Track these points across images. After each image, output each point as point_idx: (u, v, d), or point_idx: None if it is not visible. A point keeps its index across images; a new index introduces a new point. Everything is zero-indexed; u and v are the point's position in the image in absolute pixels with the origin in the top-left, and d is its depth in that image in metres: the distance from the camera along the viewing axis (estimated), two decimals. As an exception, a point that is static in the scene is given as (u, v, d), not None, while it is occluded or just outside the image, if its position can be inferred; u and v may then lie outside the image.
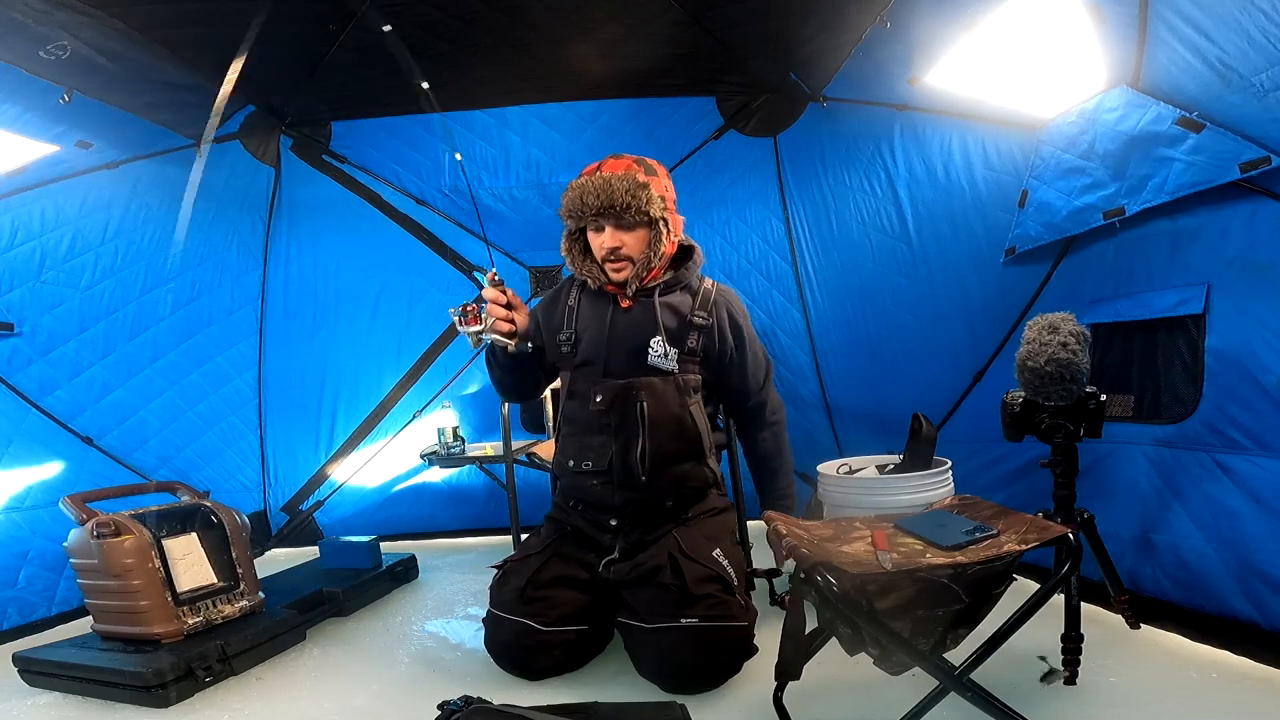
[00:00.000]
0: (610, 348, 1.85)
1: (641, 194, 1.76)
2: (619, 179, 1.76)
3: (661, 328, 1.83)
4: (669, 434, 1.81)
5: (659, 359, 1.82)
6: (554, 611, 1.78)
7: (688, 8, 2.48)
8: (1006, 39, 1.99)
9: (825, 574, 1.20)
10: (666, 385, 1.82)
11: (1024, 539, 1.31)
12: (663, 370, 1.82)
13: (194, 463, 3.07)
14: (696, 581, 1.69)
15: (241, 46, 2.17)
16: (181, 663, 1.75)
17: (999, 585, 1.30)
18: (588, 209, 1.78)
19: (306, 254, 3.27)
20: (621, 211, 1.76)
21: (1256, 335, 1.63)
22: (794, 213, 3.15)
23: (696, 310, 1.87)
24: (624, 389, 1.80)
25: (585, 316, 1.92)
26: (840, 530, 1.52)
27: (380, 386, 3.37)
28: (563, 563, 1.84)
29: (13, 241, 2.48)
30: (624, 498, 1.83)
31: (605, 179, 1.76)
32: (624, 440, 1.80)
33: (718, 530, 1.87)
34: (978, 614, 1.30)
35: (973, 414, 2.59)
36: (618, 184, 1.75)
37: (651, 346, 1.82)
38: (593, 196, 1.76)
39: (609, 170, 1.80)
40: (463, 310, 1.78)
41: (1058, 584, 1.28)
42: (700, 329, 1.86)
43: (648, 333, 1.83)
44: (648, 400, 1.79)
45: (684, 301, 1.88)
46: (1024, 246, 2.22)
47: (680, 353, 1.83)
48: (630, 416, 1.79)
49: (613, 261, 1.83)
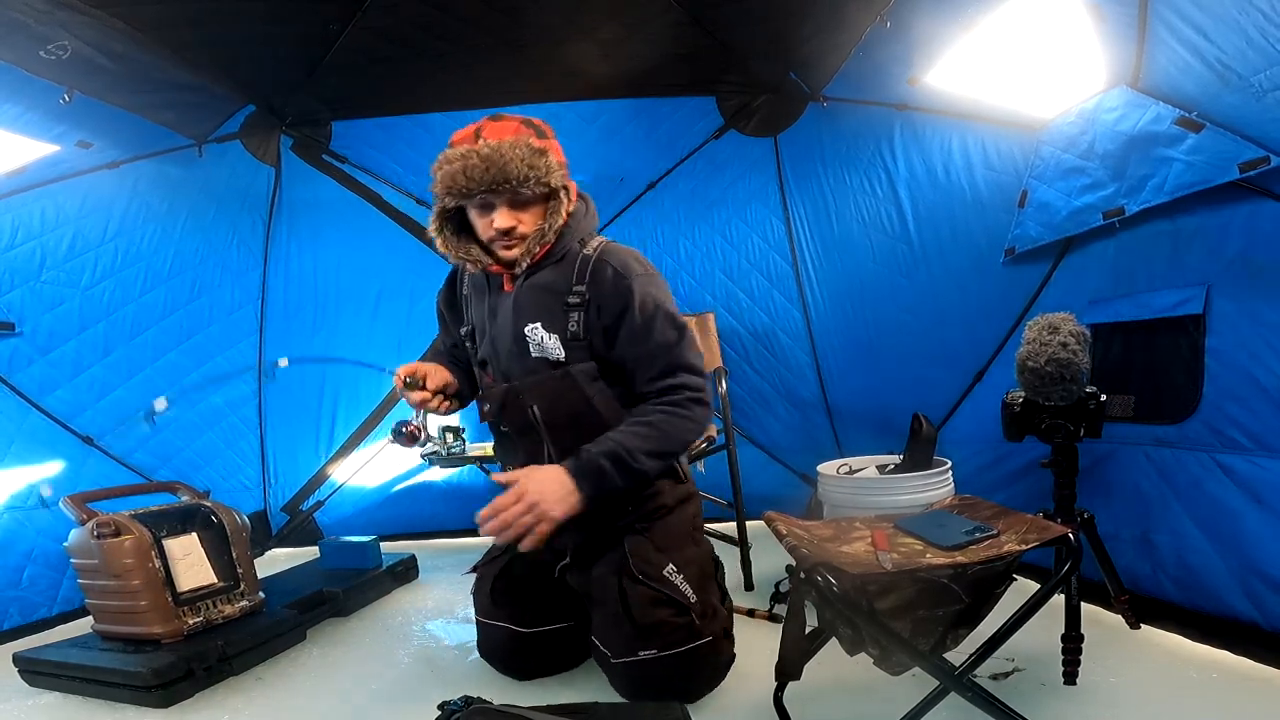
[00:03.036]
0: (495, 343, 1.64)
1: (540, 162, 1.50)
2: (511, 147, 1.47)
3: (529, 312, 1.58)
4: (573, 431, 1.57)
5: (540, 348, 1.57)
6: (530, 612, 1.71)
7: (688, 8, 2.49)
8: (1006, 39, 1.99)
9: (825, 574, 1.20)
10: (558, 380, 1.57)
11: (1024, 539, 1.31)
12: (550, 361, 1.57)
13: (194, 463, 3.07)
14: (647, 608, 1.54)
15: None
16: (181, 662, 1.75)
17: (999, 585, 1.30)
18: (475, 185, 1.48)
19: (307, 254, 3.27)
20: (519, 185, 1.49)
21: (1257, 335, 1.63)
22: (794, 213, 3.15)
23: (574, 285, 1.57)
24: (506, 394, 1.61)
25: (475, 308, 1.71)
26: (840, 530, 1.52)
27: (381, 386, 3.37)
28: (527, 562, 1.71)
29: (13, 241, 2.48)
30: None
31: (495, 148, 1.47)
32: (529, 447, 1.62)
33: (672, 535, 1.66)
34: (978, 614, 1.30)
35: (973, 414, 2.59)
36: (511, 153, 1.47)
37: (528, 335, 1.58)
38: (480, 170, 1.47)
39: (494, 136, 1.50)
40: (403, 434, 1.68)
41: (1058, 584, 1.28)
42: (577, 307, 1.55)
43: (522, 320, 1.59)
44: (536, 402, 1.58)
45: (561, 276, 1.59)
46: (1024, 247, 2.22)
47: (563, 339, 1.56)
48: (525, 423, 1.60)
49: (504, 240, 1.55)
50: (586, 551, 1.67)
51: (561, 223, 1.58)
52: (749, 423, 3.23)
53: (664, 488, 1.69)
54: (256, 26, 2.36)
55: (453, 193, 1.52)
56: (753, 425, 3.24)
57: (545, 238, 1.57)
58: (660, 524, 1.67)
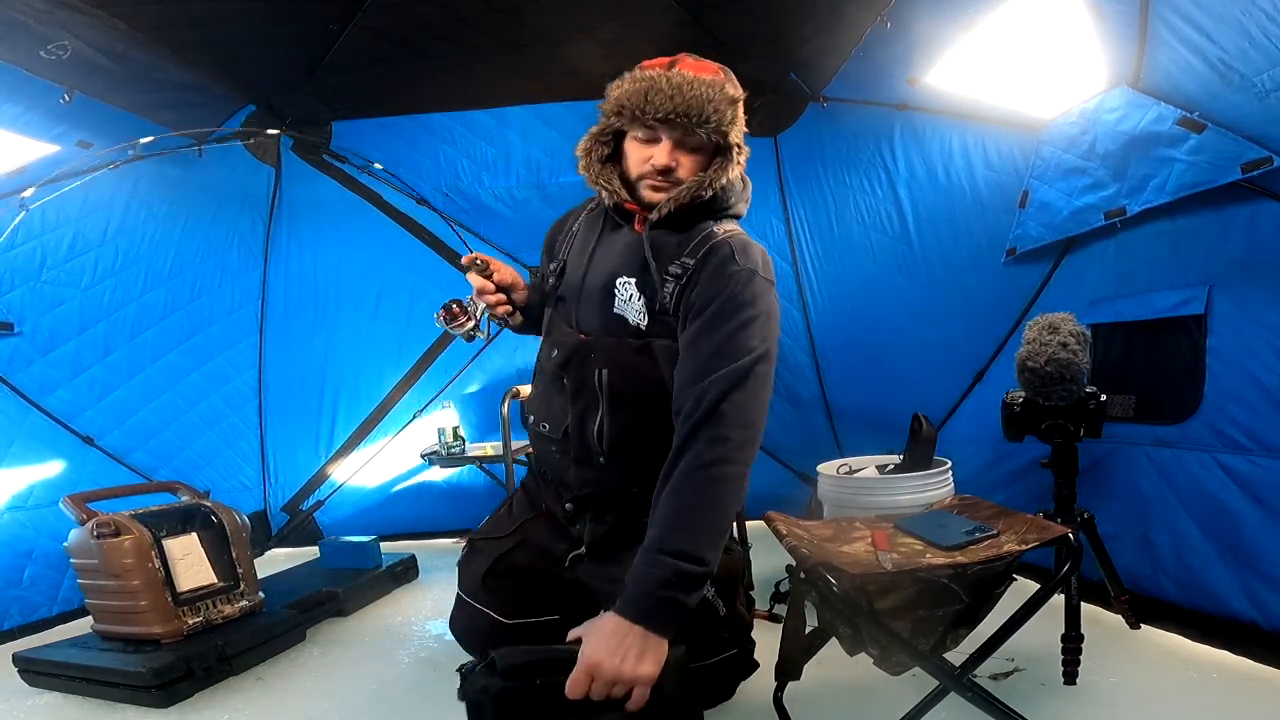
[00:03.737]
0: (585, 282, 1.49)
1: (728, 110, 1.36)
2: (705, 84, 1.34)
3: (634, 266, 1.42)
4: (635, 410, 1.41)
5: (624, 306, 1.42)
6: (518, 601, 1.57)
7: (688, 8, 2.48)
8: (1006, 39, 1.99)
9: (826, 574, 1.20)
10: (635, 353, 1.41)
11: (1024, 539, 1.31)
12: (629, 325, 1.41)
13: (194, 463, 3.07)
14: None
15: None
16: (181, 662, 1.75)
17: (999, 585, 1.30)
18: (653, 110, 1.34)
19: (307, 254, 3.27)
20: (698, 124, 1.34)
21: (1258, 335, 1.63)
22: (794, 213, 3.15)
23: (684, 256, 1.38)
24: (578, 348, 1.45)
25: (575, 245, 1.58)
26: (840, 530, 1.52)
27: (381, 386, 3.37)
28: (531, 552, 1.58)
29: (13, 241, 2.48)
30: (580, 477, 1.49)
31: (688, 79, 1.34)
32: (581, 409, 1.45)
33: None
34: (978, 614, 1.30)
35: (973, 414, 2.59)
36: (703, 90, 1.34)
37: (617, 288, 1.42)
38: (664, 97, 1.33)
39: (692, 70, 1.37)
40: (445, 311, 1.56)
41: (1058, 584, 1.28)
42: (675, 279, 1.37)
43: (619, 270, 1.44)
44: (607, 367, 1.42)
45: (679, 242, 1.41)
46: (1024, 247, 2.22)
47: (651, 308, 1.40)
48: (588, 382, 1.44)
49: (657, 180, 1.40)
50: (607, 544, 1.52)
51: (725, 181, 1.40)
52: (749, 423, 3.22)
53: None
54: (256, 26, 2.36)
55: (625, 112, 1.37)
56: (753, 425, 3.23)
57: (702, 189, 1.38)
58: None
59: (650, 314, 1.40)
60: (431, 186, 3.20)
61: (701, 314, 1.32)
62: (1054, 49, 1.91)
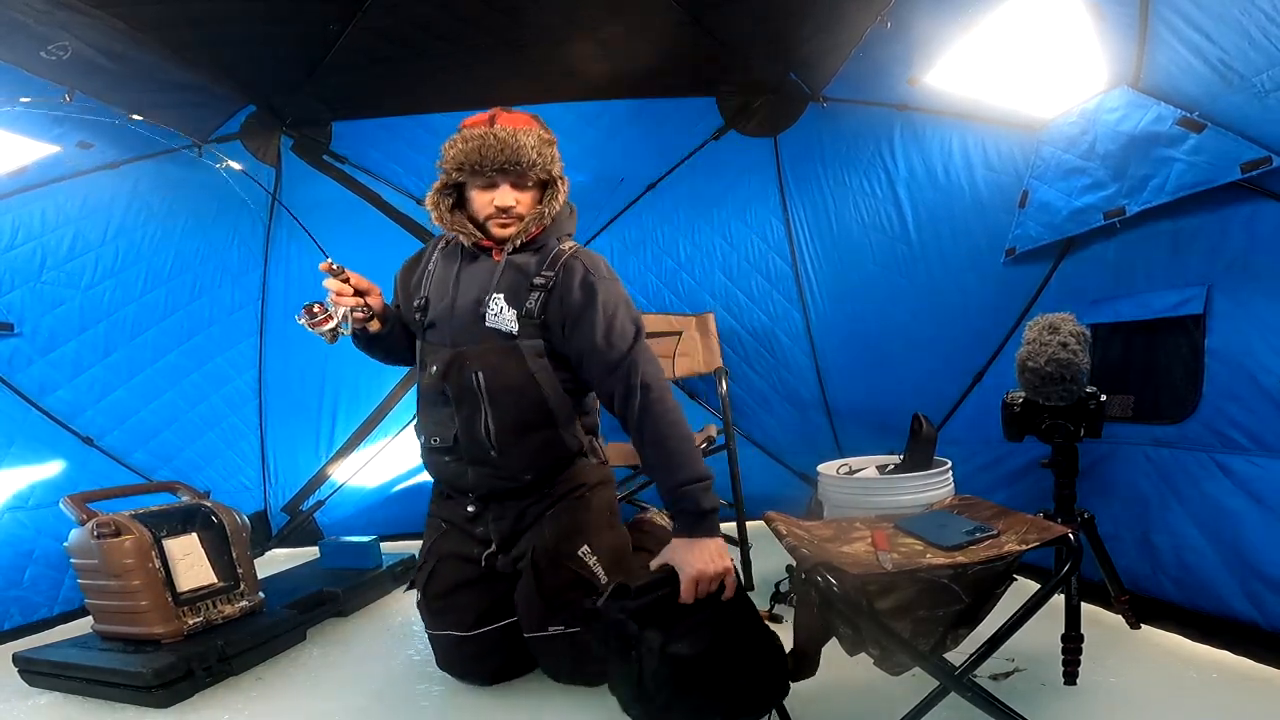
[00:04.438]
0: (454, 308, 1.72)
1: (548, 151, 1.67)
2: (525, 134, 1.64)
3: (497, 284, 1.68)
4: (514, 403, 1.67)
5: (496, 319, 1.67)
6: (471, 614, 1.73)
7: (688, 8, 2.49)
8: (1006, 39, 1.99)
9: (826, 574, 1.20)
10: (505, 350, 1.66)
11: (1024, 539, 1.31)
12: (503, 333, 1.66)
13: (194, 463, 3.07)
14: (559, 588, 1.64)
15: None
16: (181, 663, 1.75)
17: (999, 585, 1.30)
18: (488, 164, 1.62)
19: (307, 254, 3.26)
20: (527, 169, 1.64)
21: (1257, 336, 1.63)
22: (794, 213, 3.15)
23: (543, 270, 1.68)
24: (456, 357, 1.68)
25: (438, 279, 1.79)
26: (840, 530, 1.52)
27: (381, 387, 3.36)
28: (451, 564, 1.78)
29: (13, 241, 2.48)
30: (476, 475, 1.71)
31: (510, 133, 1.63)
32: (466, 413, 1.68)
33: (589, 516, 1.74)
34: (978, 614, 1.30)
35: (973, 414, 2.59)
36: (525, 140, 1.63)
37: (488, 304, 1.67)
38: (496, 151, 1.61)
39: (509, 123, 1.66)
40: (307, 311, 1.65)
41: (1058, 584, 1.28)
42: (540, 289, 1.66)
43: (486, 290, 1.69)
44: (482, 368, 1.65)
45: (535, 261, 1.71)
46: (1024, 247, 2.22)
47: (519, 314, 1.66)
48: (468, 387, 1.66)
49: (502, 217, 1.68)
50: (511, 537, 1.75)
51: (556, 209, 1.72)
52: (748, 423, 3.23)
53: (584, 468, 1.78)
54: (256, 26, 2.36)
55: (464, 168, 1.65)
56: (752, 425, 3.24)
57: (542, 219, 1.70)
58: (580, 504, 1.75)
59: (520, 321, 1.66)
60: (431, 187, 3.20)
61: (580, 320, 1.63)
62: (1054, 49, 1.91)
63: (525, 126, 1.66)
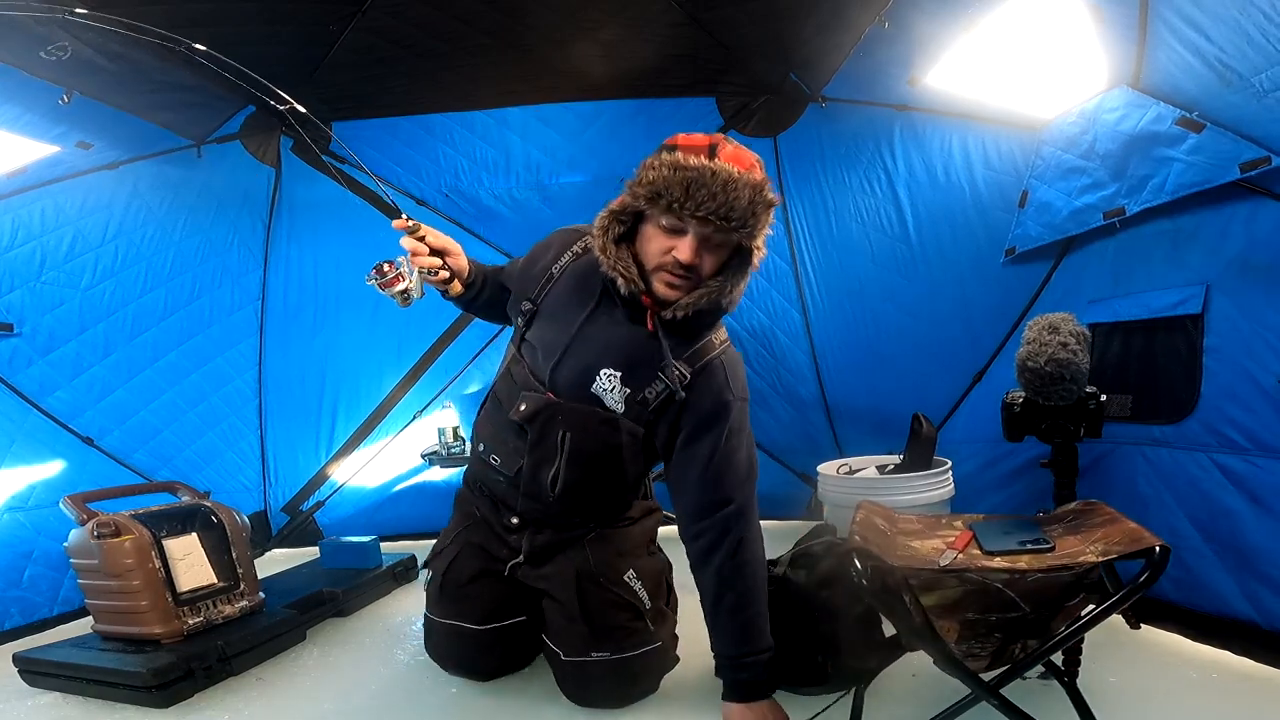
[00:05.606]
0: (567, 353, 1.50)
1: (764, 215, 1.34)
2: (746, 183, 1.29)
3: (625, 363, 1.45)
4: (590, 467, 1.55)
5: (603, 392, 1.47)
6: (482, 609, 1.68)
7: (688, 8, 2.49)
8: (1006, 39, 2.00)
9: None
10: (603, 421, 1.50)
11: (1107, 550, 1.21)
12: (605, 406, 1.49)
13: (194, 463, 3.07)
14: (605, 611, 1.58)
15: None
16: (181, 663, 1.75)
17: (1069, 598, 1.19)
18: (693, 206, 1.28)
19: (307, 254, 3.27)
20: (735, 227, 1.30)
21: (1255, 335, 1.63)
22: (794, 213, 3.14)
23: (679, 362, 1.43)
24: (549, 407, 1.50)
25: (558, 298, 1.53)
26: (929, 526, 1.44)
27: (381, 387, 3.36)
28: (476, 556, 1.70)
29: (13, 242, 2.48)
30: (526, 507, 1.63)
31: (733, 176, 1.28)
32: (538, 458, 1.55)
33: (633, 542, 1.69)
34: (1048, 626, 1.21)
35: (973, 414, 2.59)
36: (745, 190, 1.29)
37: (601, 377, 1.46)
38: (708, 194, 1.27)
39: (731, 162, 1.30)
40: (377, 271, 1.52)
41: (1132, 594, 1.15)
42: (664, 391, 1.44)
43: (609, 361, 1.46)
44: (572, 431, 1.50)
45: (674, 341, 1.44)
46: (1024, 246, 2.22)
47: (632, 398, 1.46)
48: (549, 439, 1.53)
49: (676, 275, 1.36)
50: (543, 553, 1.67)
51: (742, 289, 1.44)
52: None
53: (632, 504, 1.73)
54: (256, 26, 2.36)
55: (660, 200, 1.30)
56: (752, 425, 3.23)
57: (722, 297, 1.40)
58: (622, 531, 1.69)
59: (628, 403, 1.47)
60: (432, 187, 3.21)
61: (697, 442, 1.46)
62: (1054, 49, 1.91)
63: (750, 170, 1.32)
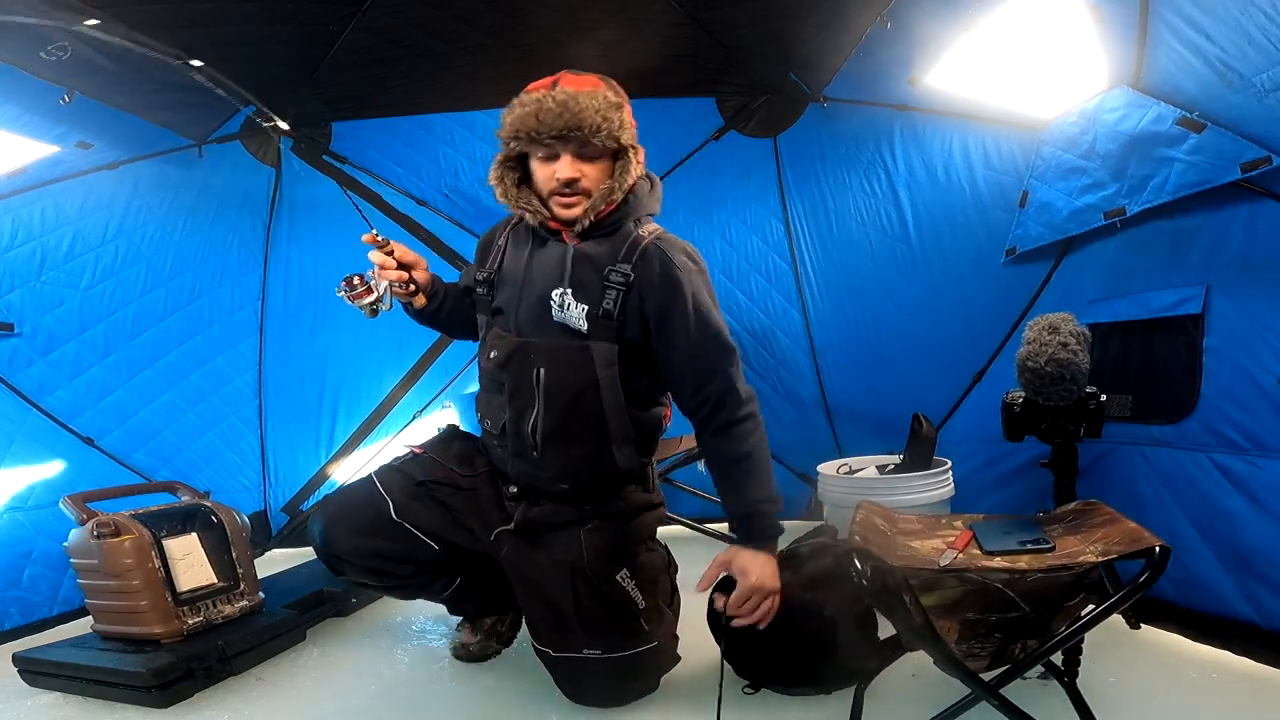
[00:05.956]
0: (522, 295, 1.58)
1: (615, 115, 1.47)
2: (588, 97, 1.45)
3: (567, 278, 1.52)
4: (567, 408, 1.54)
5: (563, 314, 1.52)
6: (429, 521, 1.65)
7: (688, 8, 2.48)
8: (1006, 39, 2.00)
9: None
10: (574, 350, 1.52)
11: (1107, 550, 1.21)
12: (571, 330, 1.52)
13: (194, 463, 3.07)
14: (596, 609, 1.57)
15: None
16: (181, 662, 1.75)
17: (1069, 598, 1.19)
18: (545, 130, 1.45)
19: (307, 255, 3.27)
20: (590, 135, 1.45)
21: (1255, 335, 1.63)
22: (794, 213, 3.15)
23: (619, 262, 1.51)
24: (518, 349, 1.55)
25: (509, 258, 1.64)
26: (929, 525, 1.45)
27: (381, 387, 3.37)
28: (477, 500, 1.69)
29: (13, 242, 2.48)
30: (517, 468, 1.62)
31: (571, 95, 1.45)
32: (519, 406, 1.57)
33: (630, 538, 1.66)
34: (1048, 627, 1.21)
35: (973, 414, 2.59)
36: (587, 103, 1.44)
37: (553, 299, 1.52)
38: (554, 116, 1.43)
39: (572, 86, 1.48)
40: (346, 283, 1.58)
41: (1132, 594, 1.14)
42: (617, 286, 1.50)
43: (554, 282, 1.53)
44: (545, 365, 1.53)
45: (608, 250, 1.54)
46: (1024, 247, 2.22)
47: (593, 313, 1.50)
48: (525, 381, 1.55)
49: (566, 195, 1.50)
50: (533, 527, 1.64)
51: (630, 184, 1.53)
52: (749, 423, 3.22)
53: (630, 492, 1.68)
54: (256, 26, 2.36)
55: (520, 136, 1.48)
56: (753, 425, 3.24)
57: (612, 195, 1.51)
58: (618, 526, 1.66)
59: (591, 320, 1.51)
60: (431, 187, 3.21)
61: (667, 320, 1.51)
62: (1054, 49, 1.91)
63: (590, 88, 1.48)
